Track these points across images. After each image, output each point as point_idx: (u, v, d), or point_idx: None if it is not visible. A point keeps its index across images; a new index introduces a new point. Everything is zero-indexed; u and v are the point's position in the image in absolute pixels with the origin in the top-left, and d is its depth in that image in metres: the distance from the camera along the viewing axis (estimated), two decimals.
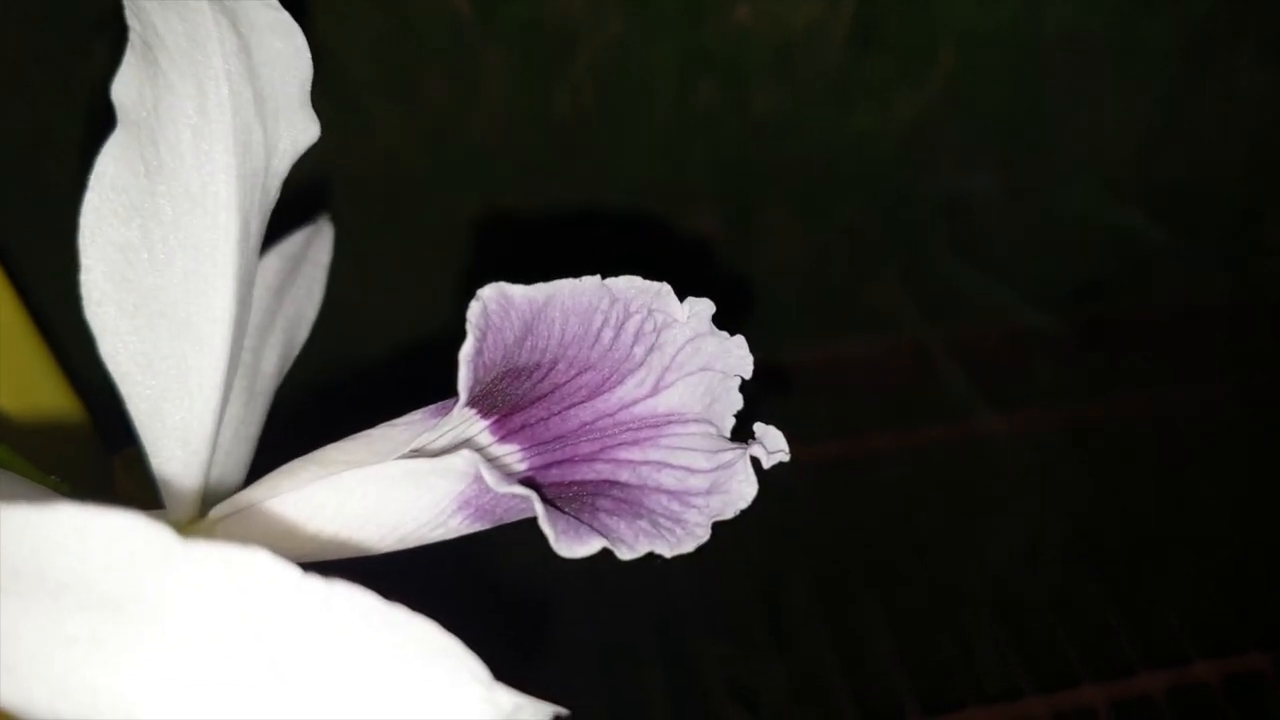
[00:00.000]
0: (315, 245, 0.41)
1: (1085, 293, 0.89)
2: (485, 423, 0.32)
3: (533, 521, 0.29)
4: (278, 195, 0.33)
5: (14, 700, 0.23)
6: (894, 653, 0.89)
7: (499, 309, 0.30)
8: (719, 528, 0.30)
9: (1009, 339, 0.91)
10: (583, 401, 0.32)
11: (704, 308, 0.32)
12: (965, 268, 0.88)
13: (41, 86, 0.56)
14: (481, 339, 0.29)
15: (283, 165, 0.33)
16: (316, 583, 0.21)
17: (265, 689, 0.21)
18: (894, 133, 0.81)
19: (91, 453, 0.48)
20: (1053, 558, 0.93)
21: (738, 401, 0.33)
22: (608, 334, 0.31)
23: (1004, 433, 0.91)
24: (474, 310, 0.29)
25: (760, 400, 0.33)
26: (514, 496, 0.29)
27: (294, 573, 0.21)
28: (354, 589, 0.22)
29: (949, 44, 0.77)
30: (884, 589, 0.91)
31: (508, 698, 0.22)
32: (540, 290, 0.30)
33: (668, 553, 0.30)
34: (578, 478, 0.32)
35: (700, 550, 0.30)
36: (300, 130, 0.33)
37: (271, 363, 0.38)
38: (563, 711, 0.23)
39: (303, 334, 0.40)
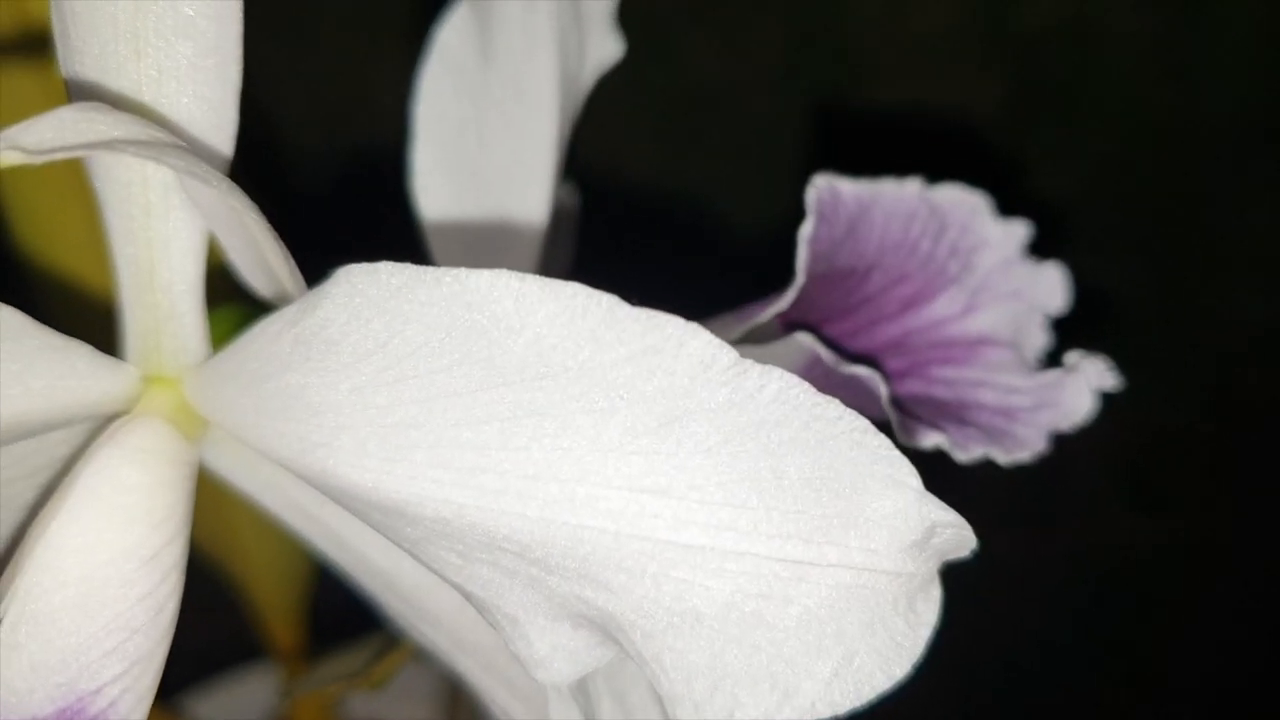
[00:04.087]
0: (568, 199, 0.41)
1: (1232, 394, 0.87)
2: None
3: None
4: (580, 111, 0.33)
5: (401, 494, 0.21)
6: None
7: (830, 199, 0.29)
8: None
9: (1150, 439, 0.89)
10: (893, 316, 0.31)
11: (1018, 231, 0.32)
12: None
13: None
14: (818, 224, 0.29)
15: (589, 78, 0.33)
16: (751, 364, 0.20)
17: (694, 463, 0.20)
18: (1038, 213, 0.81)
19: None
20: (1190, 677, 0.88)
21: (1043, 339, 0.32)
22: (925, 244, 0.31)
23: (1141, 538, 0.88)
24: (811, 196, 0.29)
25: None
26: (852, 377, 0.28)
27: (730, 352, 0.20)
28: (788, 377, 0.21)
29: (1103, 123, 0.77)
30: (1013, 692, 0.87)
31: (937, 508, 0.21)
32: (866, 188, 0.30)
33: (1003, 459, 0.29)
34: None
35: None
36: (607, 48, 0.33)
37: None
38: (975, 545, 0.22)
39: None
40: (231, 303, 0.29)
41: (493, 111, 0.30)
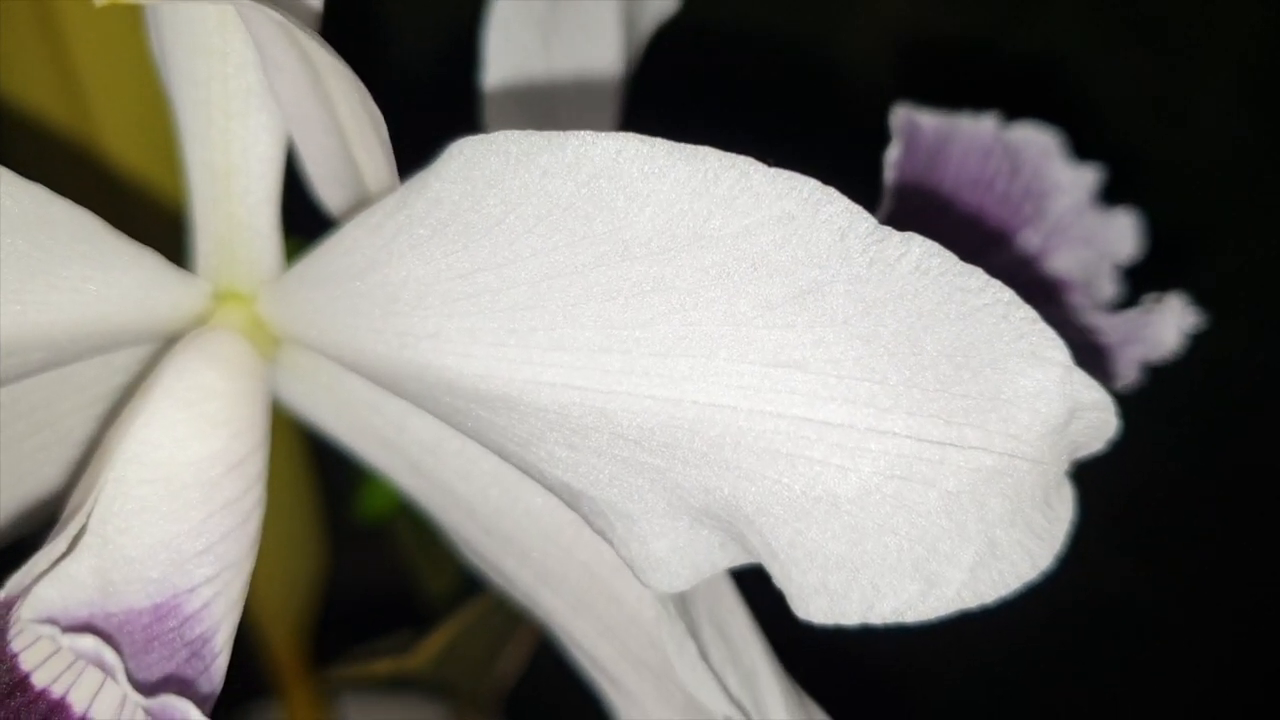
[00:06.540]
0: None
1: (1223, 436, 0.86)
2: None
3: None
4: (639, 61, 0.33)
5: (515, 381, 0.20)
6: None
7: (910, 128, 0.29)
8: None
9: (1140, 482, 0.88)
10: (970, 257, 0.30)
11: (1088, 176, 0.31)
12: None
13: None
14: (903, 152, 0.28)
15: (647, 28, 0.32)
16: (890, 231, 0.19)
17: (832, 336, 0.19)
18: None
19: None
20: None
21: (1112, 288, 0.31)
22: (1000, 183, 0.30)
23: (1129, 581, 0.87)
24: (895, 123, 0.28)
25: None
26: None
27: (869, 218, 0.19)
28: (929, 244, 0.20)
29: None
30: None
31: (1082, 385, 0.20)
32: (944, 121, 0.29)
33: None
34: None
35: None
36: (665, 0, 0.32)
37: None
38: (1115, 433, 0.21)
39: None
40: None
41: (560, 45, 0.29)
